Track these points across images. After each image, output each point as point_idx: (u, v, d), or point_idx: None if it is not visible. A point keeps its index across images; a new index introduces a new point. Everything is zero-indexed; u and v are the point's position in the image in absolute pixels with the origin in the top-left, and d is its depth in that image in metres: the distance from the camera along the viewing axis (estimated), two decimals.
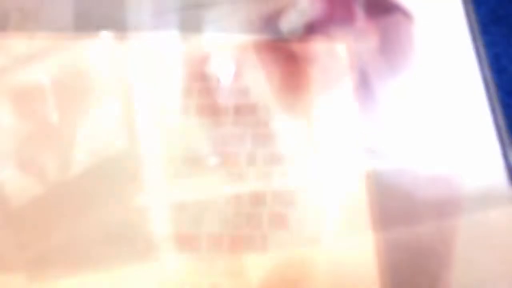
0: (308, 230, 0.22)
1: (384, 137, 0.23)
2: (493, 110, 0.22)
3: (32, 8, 0.26)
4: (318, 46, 0.26)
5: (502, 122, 0.21)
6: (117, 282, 0.21)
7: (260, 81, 0.25)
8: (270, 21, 0.25)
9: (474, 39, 0.22)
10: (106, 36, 0.26)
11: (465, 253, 0.20)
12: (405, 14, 0.22)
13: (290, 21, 0.24)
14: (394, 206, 0.22)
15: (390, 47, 0.22)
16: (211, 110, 0.25)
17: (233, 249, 0.22)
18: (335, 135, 0.24)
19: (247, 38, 0.26)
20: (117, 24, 0.27)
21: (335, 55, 0.25)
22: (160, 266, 0.21)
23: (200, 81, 0.25)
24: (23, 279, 0.21)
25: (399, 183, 0.22)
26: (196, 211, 0.22)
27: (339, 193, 0.23)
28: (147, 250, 0.22)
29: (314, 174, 0.23)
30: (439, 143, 0.23)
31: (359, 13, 0.23)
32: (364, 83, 0.22)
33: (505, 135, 0.21)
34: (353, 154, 0.24)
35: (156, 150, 0.24)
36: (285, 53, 0.26)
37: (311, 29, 0.23)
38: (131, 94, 0.25)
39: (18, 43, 0.26)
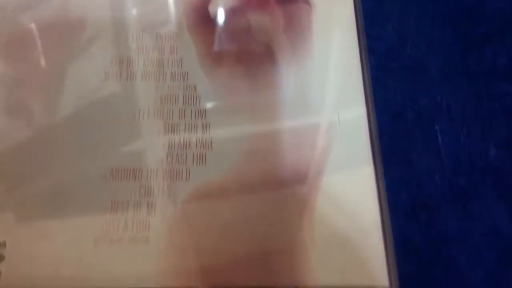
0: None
1: None
2: (364, 82, 0.24)
3: None
4: None
5: (370, 93, 0.24)
6: (110, 216, 0.21)
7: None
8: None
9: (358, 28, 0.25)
10: None
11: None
12: (306, 2, 0.26)
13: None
14: None
15: (293, 29, 0.25)
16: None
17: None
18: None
19: None
20: None
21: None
22: (156, 201, 0.22)
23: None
24: (11, 220, 0.21)
25: None
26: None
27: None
28: (142, 192, 0.22)
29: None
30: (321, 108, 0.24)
31: (270, 0, 0.26)
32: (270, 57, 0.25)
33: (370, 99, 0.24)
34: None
35: (154, 93, 0.23)
36: None
37: (234, 12, 0.25)
38: (127, 36, 0.25)
39: None
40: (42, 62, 0.24)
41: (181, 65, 0.24)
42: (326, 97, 0.24)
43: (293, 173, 0.22)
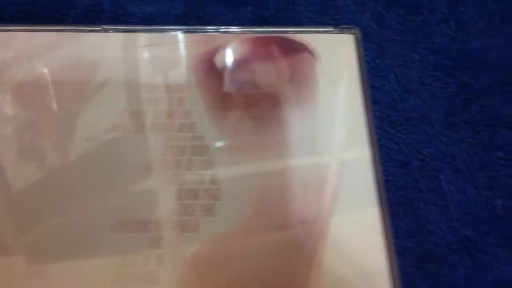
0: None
1: None
2: (369, 130, 0.25)
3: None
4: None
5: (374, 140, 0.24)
6: (119, 267, 0.21)
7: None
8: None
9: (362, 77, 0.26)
10: (110, 29, 0.26)
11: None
12: (311, 53, 0.26)
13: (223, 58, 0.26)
14: None
15: (298, 79, 0.26)
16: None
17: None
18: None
19: (255, 30, 0.27)
20: (122, 17, 0.27)
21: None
22: (165, 253, 0.22)
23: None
24: (23, 263, 0.21)
25: None
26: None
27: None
28: (151, 244, 0.22)
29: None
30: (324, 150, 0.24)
31: (275, 52, 0.26)
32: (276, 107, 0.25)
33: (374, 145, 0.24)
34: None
35: (162, 144, 0.24)
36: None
37: (240, 63, 0.26)
38: (136, 87, 0.25)
39: (20, 36, 0.26)
40: (54, 106, 0.24)
41: (189, 116, 0.25)
42: (331, 145, 0.24)
43: (301, 222, 0.22)
